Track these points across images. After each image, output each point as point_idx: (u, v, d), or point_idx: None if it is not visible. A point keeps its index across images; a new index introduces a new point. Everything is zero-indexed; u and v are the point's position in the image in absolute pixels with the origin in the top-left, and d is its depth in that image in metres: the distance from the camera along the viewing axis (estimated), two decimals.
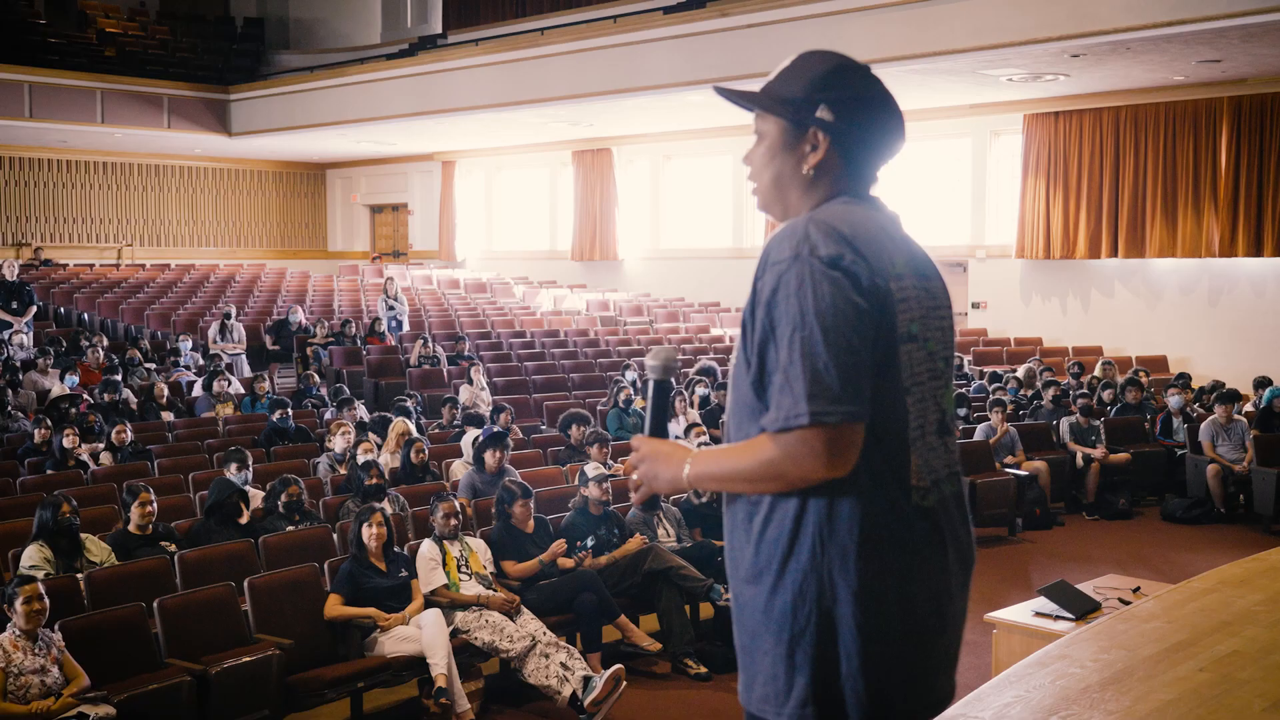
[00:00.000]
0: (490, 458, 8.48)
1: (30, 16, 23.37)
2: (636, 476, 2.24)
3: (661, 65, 16.13)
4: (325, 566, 6.62)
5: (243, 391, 13.09)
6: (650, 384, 2.33)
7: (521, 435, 10.92)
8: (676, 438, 10.91)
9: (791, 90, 2.18)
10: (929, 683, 2.10)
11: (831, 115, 2.15)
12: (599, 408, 12.30)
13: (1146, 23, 11.86)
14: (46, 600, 5.29)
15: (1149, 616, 3.04)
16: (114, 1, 26.05)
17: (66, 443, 9.57)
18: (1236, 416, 11.13)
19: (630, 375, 13.09)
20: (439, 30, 23.74)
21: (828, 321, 1.95)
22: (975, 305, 17.98)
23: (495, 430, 9.29)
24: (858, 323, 1.97)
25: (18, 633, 5.17)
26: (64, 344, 15.09)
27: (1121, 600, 5.64)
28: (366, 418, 11.26)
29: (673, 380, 2.40)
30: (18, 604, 5.19)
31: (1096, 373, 13.95)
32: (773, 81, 2.22)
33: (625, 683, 6.11)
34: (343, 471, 9.19)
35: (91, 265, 22.54)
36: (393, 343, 16.26)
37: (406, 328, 17.11)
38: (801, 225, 2.05)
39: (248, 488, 8.11)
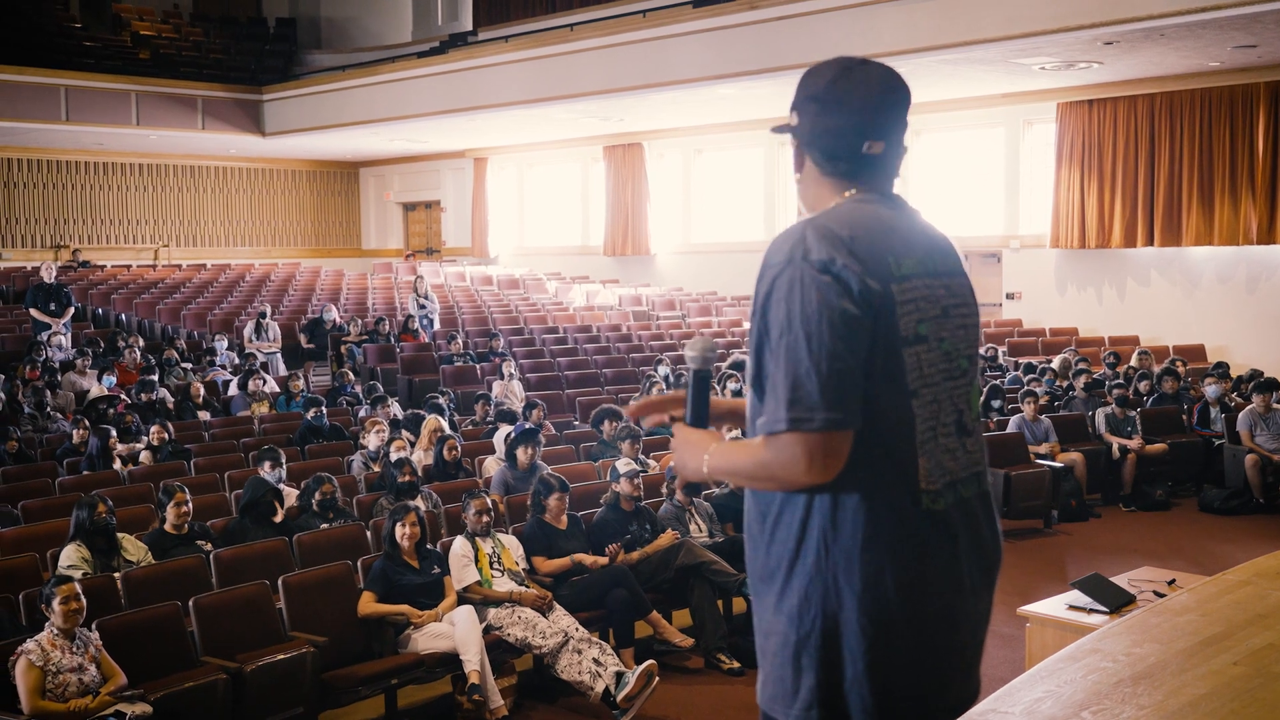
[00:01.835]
0: (522, 454, 8.52)
1: (66, 20, 23.61)
2: (674, 464, 2.27)
3: (691, 59, 16.09)
4: (359, 564, 6.65)
5: (278, 390, 13.18)
6: (690, 374, 2.35)
7: (554, 431, 10.92)
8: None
9: None
10: (940, 687, 2.08)
11: (796, 119, 2.21)
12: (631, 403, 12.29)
13: (1181, 8, 11.71)
14: (84, 600, 5.35)
15: (1183, 610, 3.00)
16: (148, 4, 26.27)
17: (113, 445, 9.72)
18: (1275, 405, 10.99)
19: (663, 370, 13.06)
20: (469, 28, 23.80)
21: (812, 327, 1.95)
22: (1010, 296, 17.84)
23: (527, 427, 9.32)
24: (844, 329, 1.96)
25: (56, 632, 5.22)
26: (101, 345, 15.23)
27: (1156, 593, 5.58)
28: (400, 415, 11.31)
29: (711, 370, 2.41)
30: (56, 603, 5.24)
31: (1133, 363, 13.82)
32: None
33: (658, 678, 6.10)
34: (376, 469, 9.24)
35: (128, 266, 22.76)
36: (426, 340, 16.32)
37: (438, 325, 17.17)
38: (799, 229, 2.05)
39: (282, 486, 8.17)
